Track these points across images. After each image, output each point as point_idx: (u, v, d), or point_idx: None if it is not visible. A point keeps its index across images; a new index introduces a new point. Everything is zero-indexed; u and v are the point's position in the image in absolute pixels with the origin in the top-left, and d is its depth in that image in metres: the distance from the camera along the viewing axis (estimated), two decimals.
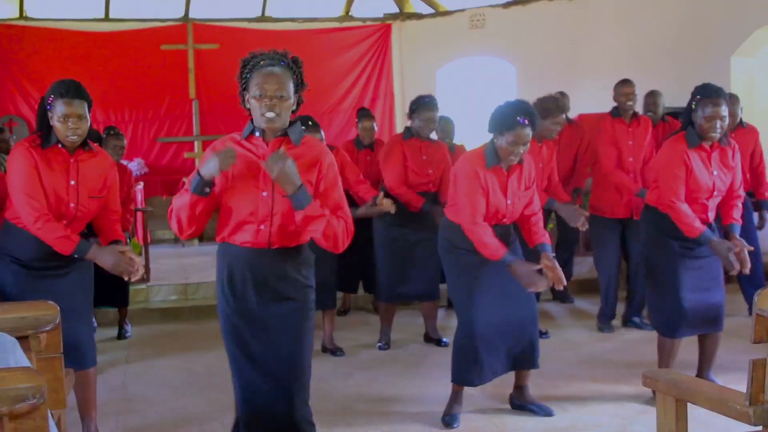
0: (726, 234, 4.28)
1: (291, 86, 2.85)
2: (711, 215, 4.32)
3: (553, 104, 5.52)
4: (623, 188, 5.86)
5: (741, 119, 6.23)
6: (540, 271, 3.85)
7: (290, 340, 2.97)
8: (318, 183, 2.94)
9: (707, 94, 4.14)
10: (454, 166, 4.26)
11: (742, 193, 4.41)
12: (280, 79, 2.81)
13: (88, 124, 3.60)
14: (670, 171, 4.23)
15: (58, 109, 3.48)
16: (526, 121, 3.85)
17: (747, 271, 4.10)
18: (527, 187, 4.10)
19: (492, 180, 3.98)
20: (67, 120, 3.48)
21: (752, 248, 4.21)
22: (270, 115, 2.80)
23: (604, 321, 6.16)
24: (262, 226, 2.88)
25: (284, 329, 2.95)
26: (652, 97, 6.42)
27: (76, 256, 3.54)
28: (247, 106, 2.90)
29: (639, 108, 6.13)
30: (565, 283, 3.93)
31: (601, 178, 6.08)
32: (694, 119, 4.20)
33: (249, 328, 2.95)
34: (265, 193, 2.87)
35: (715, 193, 4.27)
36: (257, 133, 2.90)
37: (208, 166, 2.75)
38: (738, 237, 4.22)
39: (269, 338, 2.95)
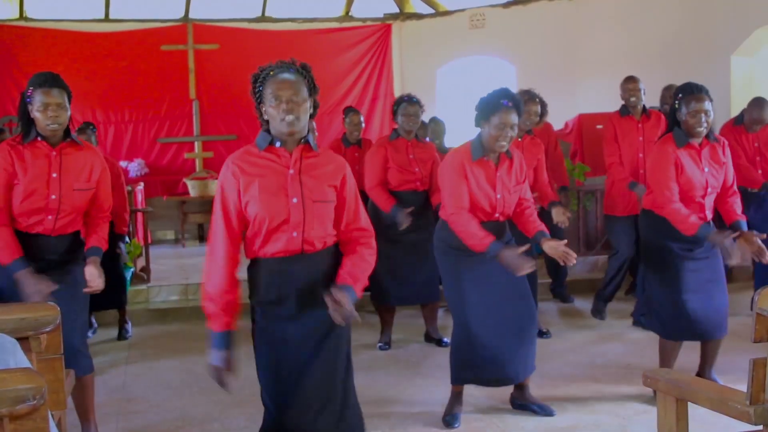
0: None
1: (305, 90, 2.83)
2: (709, 214, 4.32)
3: (524, 95, 5.58)
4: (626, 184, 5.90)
5: None
6: (528, 253, 3.87)
7: (330, 346, 2.90)
8: (342, 192, 2.94)
9: (689, 91, 4.19)
10: (441, 163, 4.29)
11: (736, 188, 4.40)
12: (294, 84, 2.80)
13: (68, 114, 3.62)
14: (661, 173, 4.25)
15: (37, 99, 3.53)
16: (510, 104, 3.91)
17: (766, 260, 4.07)
18: (518, 182, 4.11)
19: (479, 173, 4.01)
20: (47, 109, 3.52)
21: (764, 235, 4.16)
22: (289, 118, 2.77)
23: (599, 304, 6.27)
24: (294, 233, 2.83)
25: (324, 334, 2.88)
26: (668, 90, 6.41)
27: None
28: (266, 117, 2.86)
29: (656, 101, 6.12)
30: (574, 258, 3.89)
31: (612, 178, 6.10)
32: (679, 117, 4.24)
33: (290, 335, 2.86)
34: (295, 200, 2.83)
35: (709, 190, 4.27)
36: (278, 144, 2.86)
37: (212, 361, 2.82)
38: (746, 230, 4.21)
39: (310, 344, 2.87)
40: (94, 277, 3.64)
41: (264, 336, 2.92)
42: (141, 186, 9.01)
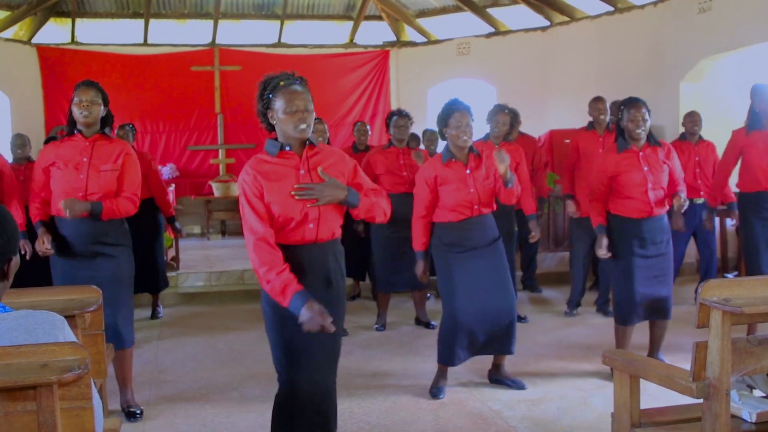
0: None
1: (311, 102, 2.81)
2: (656, 209, 4.31)
3: (495, 108, 5.57)
4: None
5: (700, 135, 6.30)
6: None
7: (334, 323, 2.83)
8: (354, 179, 2.91)
9: (629, 102, 4.28)
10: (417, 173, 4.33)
11: (683, 185, 4.42)
12: (304, 95, 2.78)
13: (100, 110, 3.70)
14: (595, 176, 4.46)
15: (75, 97, 3.66)
16: (460, 106, 4.02)
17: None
18: (488, 177, 4.07)
19: (450, 174, 4.03)
20: (81, 103, 3.64)
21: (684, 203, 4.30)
22: (303, 126, 2.75)
23: (571, 306, 6.16)
24: (311, 225, 2.81)
25: (330, 313, 2.80)
26: (614, 104, 6.38)
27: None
28: (273, 122, 2.82)
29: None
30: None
31: (582, 184, 6.07)
32: (622, 125, 4.30)
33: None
34: None
35: (650, 185, 4.26)
36: (287, 148, 2.83)
37: (305, 316, 2.63)
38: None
39: None
40: (66, 204, 3.57)
41: (278, 313, 2.86)
42: (172, 187, 9.01)
